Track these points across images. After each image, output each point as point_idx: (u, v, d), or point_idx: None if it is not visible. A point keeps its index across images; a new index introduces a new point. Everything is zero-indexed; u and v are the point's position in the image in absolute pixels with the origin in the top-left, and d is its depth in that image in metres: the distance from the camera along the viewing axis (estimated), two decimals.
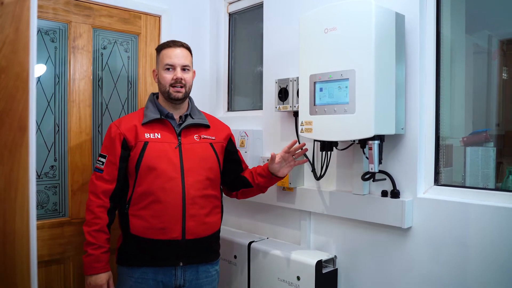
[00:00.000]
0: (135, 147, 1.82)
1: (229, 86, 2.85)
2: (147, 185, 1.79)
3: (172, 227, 1.79)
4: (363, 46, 1.65)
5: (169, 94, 1.88)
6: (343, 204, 2.01)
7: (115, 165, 1.82)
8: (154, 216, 1.78)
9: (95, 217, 1.78)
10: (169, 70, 1.88)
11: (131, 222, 1.81)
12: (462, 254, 1.67)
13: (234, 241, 2.36)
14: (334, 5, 1.74)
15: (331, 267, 2.06)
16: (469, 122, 2.05)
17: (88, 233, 1.77)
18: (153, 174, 1.79)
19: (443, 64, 1.87)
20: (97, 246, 1.77)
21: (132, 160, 1.83)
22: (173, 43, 1.92)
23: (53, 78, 2.22)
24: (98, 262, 1.76)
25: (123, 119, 1.91)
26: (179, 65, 1.88)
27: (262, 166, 2.00)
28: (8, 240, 0.96)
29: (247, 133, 2.46)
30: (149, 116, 1.87)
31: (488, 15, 2.11)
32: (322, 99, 1.79)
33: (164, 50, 1.91)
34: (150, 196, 1.79)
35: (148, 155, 1.80)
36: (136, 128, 1.84)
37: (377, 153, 1.73)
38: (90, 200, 1.82)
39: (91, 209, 1.80)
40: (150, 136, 1.84)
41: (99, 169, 1.84)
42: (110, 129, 1.87)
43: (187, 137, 1.90)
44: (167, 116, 1.90)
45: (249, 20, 2.78)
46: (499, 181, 1.82)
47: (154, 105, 1.93)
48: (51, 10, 2.18)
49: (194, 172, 1.85)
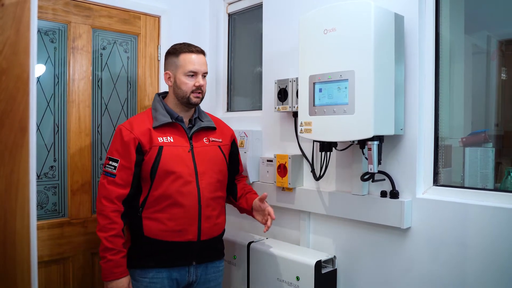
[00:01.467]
0: (150, 151, 1.80)
1: (229, 87, 2.85)
2: (164, 188, 1.80)
3: (188, 229, 1.82)
4: (362, 47, 1.65)
5: (189, 99, 1.87)
6: (342, 205, 2.01)
7: (130, 170, 1.79)
8: (171, 219, 1.80)
9: (111, 222, 1.75)
10: (191, 77, 1.87)
11: (145, 224, 1.80)
12: (461, 254, 1.68)
13: (234, 241, 2.36)
14: (333, 6, 1.75)
15: (330, 267, 2.06)
16: (468, 123, 2.05)
17: (105, 238, 1.73)
18: (170, 178, 1.80)
19: (442, 64, 1.88)
20: (116, 251, 1.74)
21: (146, 164, 1.80)
22: (194, 49, 1.90)
23: (52, 79, 2.22)
24: (118, 267, 1.75)
25: (133, 122, 1.86)
26: (201, 72, 1.89)
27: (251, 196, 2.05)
28: (9, 241, 0.96)
29: (246, 133, 2.46)
30: (160, 120, 1.85)
31: (487, 16, 2.11)
32: (322, 100, 1.79)
33: (186, 55, 1.87)
34: (168, 200, 1.80)
35: (164, 159, 1.80)
36: (150, 132, 1.82)
37: (376, 153, 1.73)
38: (103, 205, 1.77)
39: (106, 214, 1.76)
40: (163, 140, 1.83)
41: (111, 174, 1.79)
42: (121, 133, 1.82)
43: (197, 140, 1.92)
44: (177, 119, 1.89)
45: (249, 21, 2.78)
46: (498, 182, 1.83)
47: (163, 107, 1.90)
48: (51, 11, 2.18)
49: (207, 175, 1.88)
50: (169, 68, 1.91)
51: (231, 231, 2.56)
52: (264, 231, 1.94)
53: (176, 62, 1.88)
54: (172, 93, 1.92)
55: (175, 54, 1.89)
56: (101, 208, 1.77)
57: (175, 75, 1.88)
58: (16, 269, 0.98)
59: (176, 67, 1.88)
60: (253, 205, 2.01)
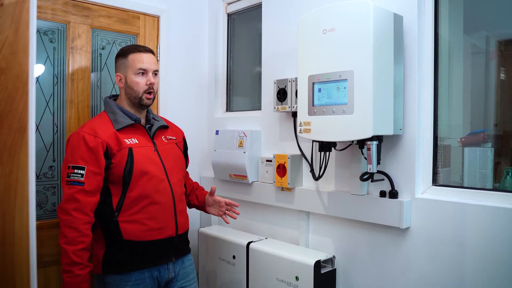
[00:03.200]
0: (118, 154, 1.77)
1: (228, 87, 2.85)
2: (141, 189, 1.79)
3: (168, 226, 1.86)
4: (361, 47, 1.65)
5: (141, 100, 1.87)
6: (341, 204, 2.02)
7: (100, 176, 1.74)
8: (150, 218, 1.80)
9: (81, 235, 1.67)
10: (141, 75, 1.86)
11: (124, 228, 1.77)
12: (460, 254, 1.68)
13: (233, 241, 2.36)
14: (332, 6, 1.75)
15: (329, 267, 2.07)
16: (467, 123, 2.05)
17: (73, 253, 1.65)
18: (145, 178, 1.80)
19: (441, 64, 1.88)
20: (84, 266, 1.68)
21: (117, 167, 1.77)
22: (142, 48, 1.91)
23: (51, 78, 2.22)
24: (84, 283, 1.68)
25: (94, 127, 1.79)
26: (151, 70, 1.88)
27: (201, 192, 2.14)
28: (8, 241, 0.96)
29: (245, 133, 2.46)
30: (122, 122, 1.83)
31: (486, 16, 2.11)
32: (321, 100, 1.80)
33: (134, 55, 1.87)
34: (146, 199, 1.80)
35: (138, 160, 1.79)
36: (116, 135, 1.79)
37: (376, 153, 1.74)
38: (73, 216, 1.67)
39: (76, 227, 1.67)
40: (130, 142, 1.82)
41: (79, 182, 1.70)
42: (83, 139, 1.74)
43: (158, 139, 1.94)
44: (136, 120, 1.88)
45: (248, 21, 2.78)
46: (497, 182, 1.83)
47: (120, 110, 1.87)
48: (50, 11, 2.18)
49: (174, 172, 1.93)
50: (120, 70, 1.90)
51: (229, 231, 2.57)
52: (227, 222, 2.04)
53: (126, 62, 1.88)
54: (124, 94, 1.89)
55: (124, 56, 1.89)
56: (71, 220, 1.67)
57: (125, 75, 1.88)
58: (15, 270, 0.97)
59: (126, 67, 1.87)
60: (205, 201, 2.09)
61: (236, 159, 2.47)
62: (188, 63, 2.79)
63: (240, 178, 2.48)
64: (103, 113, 1.90)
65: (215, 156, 2.61)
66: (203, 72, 2.87)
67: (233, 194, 2.60)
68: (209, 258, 2.52)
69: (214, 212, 2.08)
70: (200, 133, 2.84)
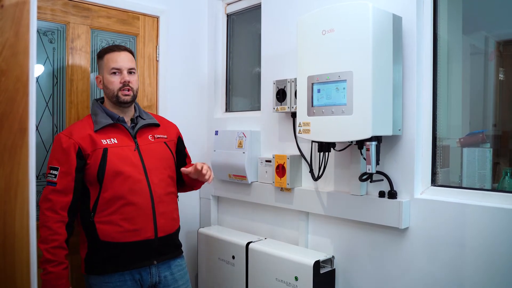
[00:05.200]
0: (93, 155, 1.79)
1: (227, 87, 2.86)
2: (115, 189, 1.79)
3: (145, 227, 1.82)
4: (360, 48, 1.66)
5: (118, 97, 1.87)
6: (341, 205, 2.02)
7: (71, 176, 1.76)
8: (125, 219, 1.79)
9: (53, 233, 1.70)
10: (115, 74, 1.87)
11: (100, 229, 1.78)
12: (459, 254, 1.69)
13: (232, 242, 2.36)
14: (332, 7, 1.75)
15: (329, 268, 2.07)
16: (466, 123, 2.05)
17: (45, 250, 1.67)
18: (120, 178, 1.80)
19: (440, 65, 1.88)
20: (57, 263, 1.69)
21: (91, 168, 1.78)
22: (116, 48, 1.92)
23: (51, 79, 2.22)
24: (59, 279, 1.69)
25: (72, 129, 1.84)
26: (125, 68, 1.89)
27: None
28: (8, 241, 0.96)
29: (245, 134, 2.47)
30: (101, 123, 1.84)
31: (485, 16, 2.11)
32: (320, 100, 1.80)
33: (108, 55, 1.89)
34: (120, 200, 1.79)
35: (111, 161, 1.79)
36: (91, 137, 1.81)
37: (375, 154, 1.74)
38: (46, 216, 1.72)
39: (48, 225, 1.71)
40: (107, 142, 1.82)
41: (52, 182, 1.75)
42: (59, 140, 1.80)
43: (142, 138, 1.93)
44: (119, 120, 1.88)
45: (247, 21, 2.78)
46: (496, 182, 1.83)
47: (102, 111, 1.90)
48: (49, 11, 2.18)
49: (157, 172, 1.90)
50: (99, 71, 1.93)
51: (229, 231, 2.57)
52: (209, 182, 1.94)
53: (102, 64, 1.91)
54: (105, 95, 1.93)
55: (100, 57, 1.92)
56: (44, 219, 1.72)
57: (102, 76, 1.90)
58: (15, 269, 0.98)
59: (102, 68, 1.90)
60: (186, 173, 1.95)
61: (235, 160, 2.47)
62: (188, 64, 2.79)
63: (240, 178, 2.48)
64: (88, 115, 1.94)
65: (215, 157, 2.61)
66: (203, 72, 2.88)
67: (233, 195, 2.61)
68: (208, 258, 2.52)
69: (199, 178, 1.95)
70: (199, 133, 2.84)
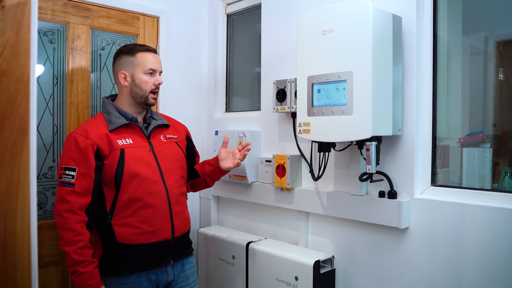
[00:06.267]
0: (110, 155, 1.76)
1: (227, 87, 2.86)
2: (132, 191, 1.77)
3: (162, 228, 1.82)
4: (360, 48, 1.66)
5: (147, 99, 1.86)
6: (340, 205, 2.02)
7: (90, 177, 1.72)
8: (143, 221, 1.78)
9: (76, 234, 1.67)
10: (150, 75, 1.86)
11: (117, 231, 1.76)
12: (459, 254, 1.69)
13: (232, 242, 2.36)
14: (332, 7, 1.75)
15: (329, 267, 2.07)
16: (466, 123, 2.06)
17: (73, 252, 1.65)
18: (137, 180, 1.78)
19: (440, 65, 1.89)
20: (88, 263, 1.67)
21: (109, 169, 1.75)
22: (152, 48, 1.90)
23: (51, 79, 2.22)
24: (92, 278, 1.68)
25: (87, 128, 1.78)
26: (159, 70, 1.89)
27: (209, 161, 2.08)
28: (9, 242, 0.97)
29: (245, 134, 2.47)
30: (116, 122, 1.80)
31: (485, 17, 2.12)
32: (320, 101, 1.80)
33: (144, 54, 1.85)
34: (138, 202, 1.77)
35: (128, 162, 1.76)
36: (108, 136, 1.77)
37: (375, 154, 1.74)
38: (65, 217, 1.68)
39: (70, 227, 1.67)
40: (123, 142, 1.79)
41: (70, 183, 1.70)
42: (75, 140, 1.74)
43: (155, 139, 1.91)
44: (132, 120, 1.85)
45: (247, 21, 2.79)
46: (496, 182, 1.84)
47: (115, 109, 1.85)
48: (50, 11, 2.18)
49: (171, 173, 1.89)
50: (125, 68, 1.85)
51: (229, 231, 2.57)
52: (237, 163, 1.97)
53: (133, 61, 1.84)
54: (127, 93, 1.86)
55: (131, 53, 1.85)
56: (64, 221, 1.68)
57: (132, 74, 1.84)
58: (16, 270, 0.98)
59: (134, 66, 1.84)
60: (218, 156, 2.01)
61: None
62: (188, 64, 2.79)
63: (240, 178, 2.48)
64: (99, 113, 1.89)
65: None
66: (203, 72, 2.88)
67: (233, 195, 2.61)
68: (208, 258, 2.52)
69: (228, 164, 1.98)
70: (199, 133, 2.84)
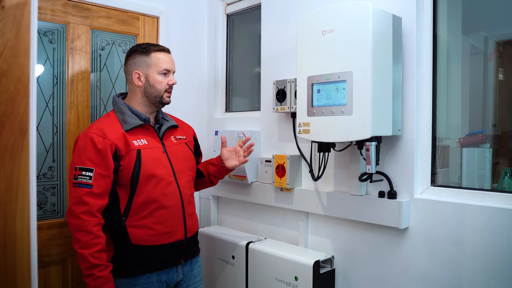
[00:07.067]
0: (126, 156, 1.74)
1: (227, 87, 2.86)
2: (148, 193, 1.76)
3: (177, 229, 1.83)
4: (360, 48, 1.66)
5: (162, 99, 1.87)
6: (340, 205, 2.02)
7: (109, 178, 1.70)
8: (158, 223, 1.78)
9: (94, 237, 1.64)
10: (164, 75, 1.86)
11: (131, 233, 1.75)
12: (459, 254, 1.69)
13: (232, 242, 2.36)
14: (331, 7, 1.75)
15: (328, 267, 2.07)
16: (466, 123, 2.06)
17: (90, 255, 1.62)
18: (153, 182, 1.77)
19: (440, 65, 1.89)
20: (104, 267, 1.65)
21: (126, 170, 1.74)
22: (166, 48, 1.90)
23: (51, 79, 2.22)
24: (108, 283, 1.65)
25: (103, 127, 1.75)
26: (173, 70, 1.90)
27: (212, 161, 2.11)
28: (9, 242, 0.97)
29: (244, 134, 2.47)
30: (131, 123, 1.79)
31: (485, 17, 2.12)
32: (320, 101, 1.80)
33: (159, 54, 1.85)
34: (153, 204, 1.77)
35: (145, 163, 1.76)
36: (125, 137, 1.75)
37: (374, 154, 1.74)
38: (83, 220, 1.64)
39: (88, 230, 1.64)
40: (138, 143, 1.78)
41: (87, 184, 1.66)
42: (91, 140, 1.70)
43: (167, 140, 1.92)
44: (145, 120, 1.85)
45: (247, 22, 2.79)
46: (495, 182, 1.84)
47: (128, 109, 1.84)
48: (49, 12, 2.18)
49: (183, 174, 1.91)
50: (139, 67, 1.85)
51: (229, 231, 2.57)
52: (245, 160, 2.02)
53: (148, 60, 1.84)
54: (141, 93, 1.86)
55: (145, 53, 1.85)
56: (81, 224, 1.64)
57: (147, 74, 1.84)
58: (16, 270, 0.98)
59: (148, 65, 1.84)
60: (222, 157, 2.04)
61: None
62: (188, 64, 2.79)
63: (240, 178, 2.48)
64: (111, 112, 1.87)
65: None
66: (203, 72, 2.88)
67: (233, 195, 2.61)
68: (208, 258, 2.52)
69: (234, 162, 2.02)
70: (199, 133, 2.83)
